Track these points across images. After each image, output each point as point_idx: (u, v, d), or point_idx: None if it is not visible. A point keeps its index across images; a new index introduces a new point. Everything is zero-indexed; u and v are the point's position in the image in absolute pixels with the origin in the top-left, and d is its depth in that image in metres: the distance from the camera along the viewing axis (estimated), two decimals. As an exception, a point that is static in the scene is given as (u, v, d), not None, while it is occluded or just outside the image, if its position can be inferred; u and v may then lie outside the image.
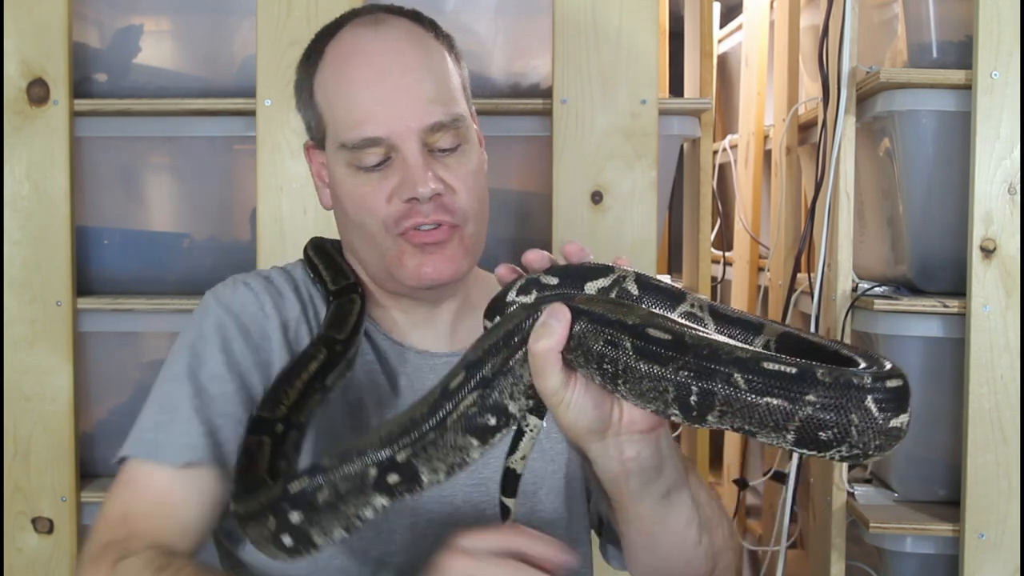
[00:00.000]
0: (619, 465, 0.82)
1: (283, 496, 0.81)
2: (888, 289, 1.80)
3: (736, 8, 2.80)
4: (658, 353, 0.71)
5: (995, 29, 1.65)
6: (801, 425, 0.67)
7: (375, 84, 1.04)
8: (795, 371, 0.68)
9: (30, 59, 1.71)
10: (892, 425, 0.68)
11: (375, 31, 1.07)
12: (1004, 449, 1.67)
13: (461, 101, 1.08)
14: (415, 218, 1.04)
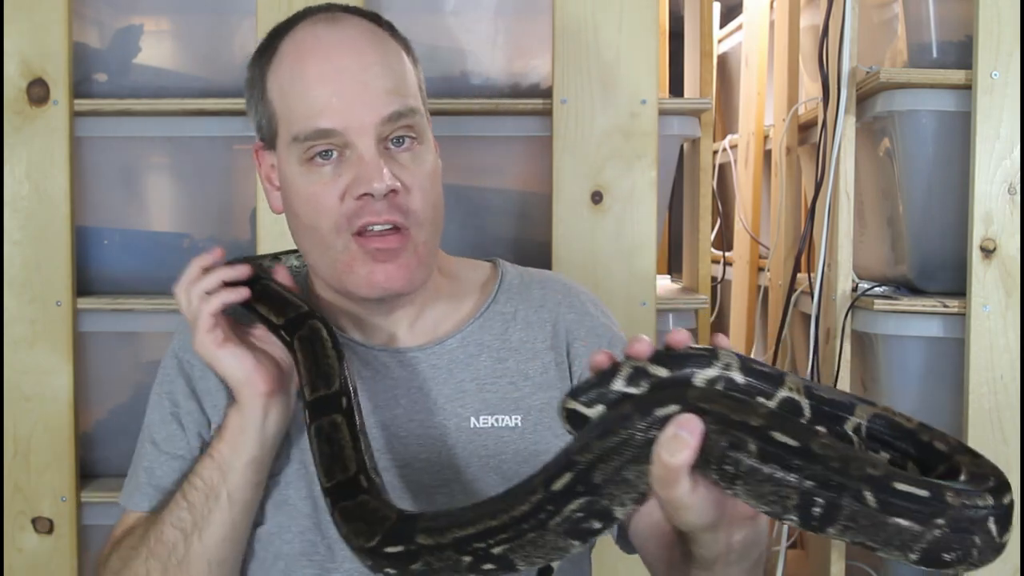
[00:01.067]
0: (725, 547, 0.79)
1: (378, 551, 0.82)
2: (888, 289, 1.80)
3: (736, 8, 2.80)
4: (784, 459, 0.68)
5: (995, 29, 1.65)
6: (928, 546, 0.67)
7: (332, 77, 1.02)
8: (927, 494, 0.67)
9: (30, 59, 1.71)
10: (1005, 541, 0.68)
11: (332, 27, 1.06)
12: (1004, 449, 1.67)
13: (418, 97, 1.07)
14: (368, 216, 1.01)
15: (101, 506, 1.77)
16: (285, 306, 1.04)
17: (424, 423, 1.07)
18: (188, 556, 0.99)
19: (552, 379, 1.11)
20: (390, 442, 1.07)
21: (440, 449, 1.07)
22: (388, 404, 1.08)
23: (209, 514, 0.99)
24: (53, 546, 1.74)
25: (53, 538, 1.74)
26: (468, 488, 1.06)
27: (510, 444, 1.08)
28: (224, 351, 1.01)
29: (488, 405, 1.09)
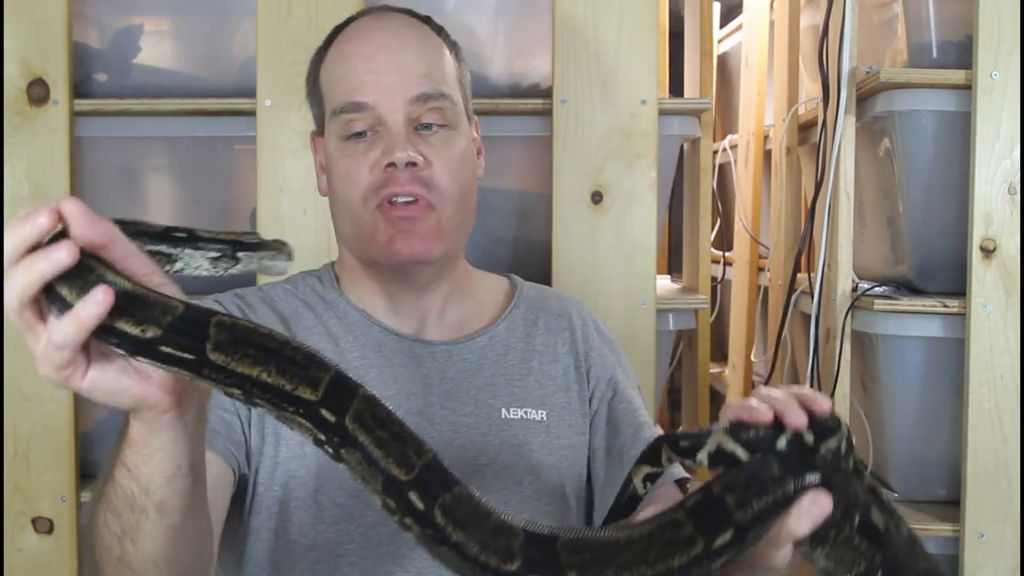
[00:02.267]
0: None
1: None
2: (888, 289, 1.80)
3: (736, 8, 2.80)
4: (873, 537, 0.78)
5: (995, 29, 1.65)
6: None
7: (369, 56, 1.10)
8: None
9: (30, 59, 1.71)
10: None
11: (378, 19, 1.15)
12: (1004, 449, 1.67)
13: (454, 87, 1.13)
14: (392, 187, 1.08)
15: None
16: (161, 310, 0.70)
17: (457, 411, 1.11)
18: (126, 559, 0.83)
19: (571, 382, 1.17)
20: (423, 429, 1.08)
21: (473, 436, 1.11)
22: (421, 393, 1.11)
23: (138, 525, 0.81)
24: (53, 546, 1.74)
25: (53, 538, 1.74)
26: (500, 474, 1.09)
27: (537, 436, 1.13)
28: (96, 374, 0.71)
29: (516, 399, 1.14)
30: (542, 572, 0.71)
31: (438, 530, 0.71)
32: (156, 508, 0.79)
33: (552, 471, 1.13)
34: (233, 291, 1.18)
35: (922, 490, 1.83)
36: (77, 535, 1.75)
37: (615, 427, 1.16)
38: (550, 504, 1.11)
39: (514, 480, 1.10)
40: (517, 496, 1.09)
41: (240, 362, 0.69)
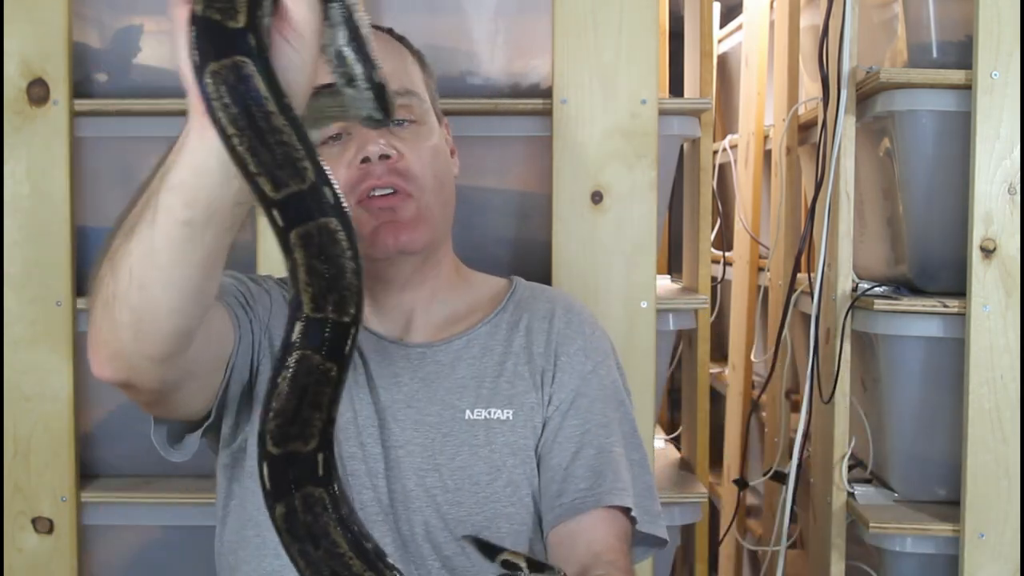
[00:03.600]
0: None
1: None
2: (888, 289, 1.80)
3: (736, 8, 2.80)
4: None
5: (995, 29, 1.65)
6: None
7: None
8: None
9: (30, 59, 1.71)
10: None
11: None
12: (1004, 449, 1.67)
13: (419, 86, 1.17)
14: (369, 180, 1.10)
15: (101, 506, 1.77)
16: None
17: (421, 410, 1.13)
18: (139, 260, 0.83)
19: (541, 383, 1.18)
20: (386, 422, 1.13)
21: (434, 436, 1.13)
22: (389, 388, 1.14)
23: (153, 228, 0.81)
24: (53, 546, 1.74)
25: (53, 538, 1.74)
26: (457, 473, 1.11)
27: (499, 435, 1.14)
28: None
29: (482, 399, 1.15)
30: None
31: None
32: (187, 220, 0.79)
33: (515, 471, 1.13)
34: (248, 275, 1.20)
35: (922, 490, 1.83)
36: (77, 535, 1.75)
37: (557, 443, 1.15)
38: (510, 506, 1.12)
39: (470, 480, 1.11)
40: (473, 497, 1.11)
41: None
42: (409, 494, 1.10)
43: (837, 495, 1.81)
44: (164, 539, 1.85)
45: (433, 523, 1.10)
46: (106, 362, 0.89)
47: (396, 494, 1.10)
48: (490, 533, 1.10)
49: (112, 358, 0.88)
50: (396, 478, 1.11)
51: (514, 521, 1.12)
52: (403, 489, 1.10)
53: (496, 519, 1.11)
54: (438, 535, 1.10)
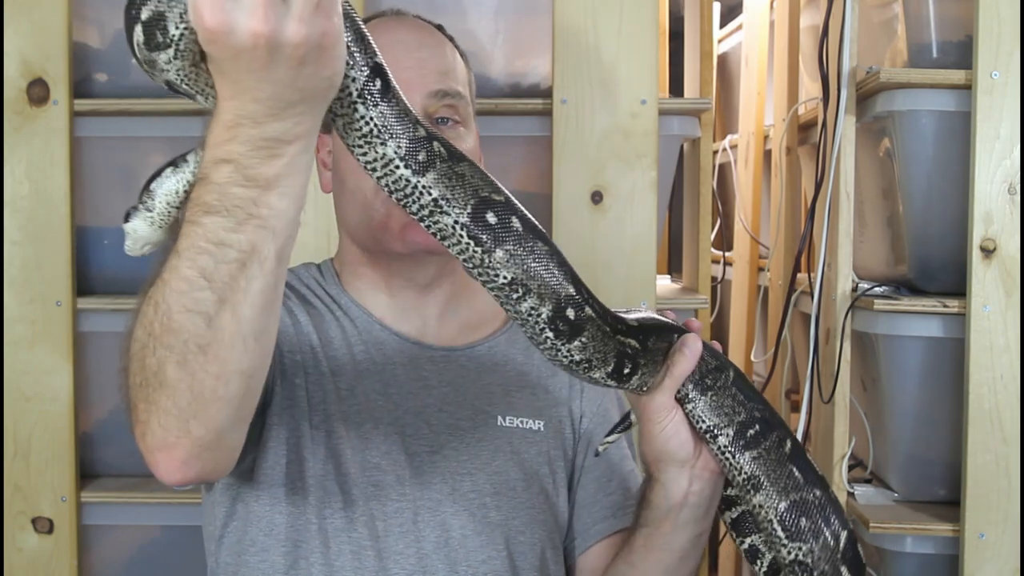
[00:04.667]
0: (682, 493, 0.97)
1: None
2: (888, 289, 1.80)
3: (736, 8, 2.80)
4: (750, 390, 0.95)
5: (995, 29, 1.65)
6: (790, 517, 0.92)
7: (389, 49, 1.09)
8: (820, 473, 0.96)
9: (30, 59, 1.71)
10: None
11: (398, 19, 1.18)
12: (1004, 449, 1.67)
13: (465, 88, 1.16)
14: None
15: (101, 506, 1.77)
16: None
17: (454, 415, 1.12)
18: (217, 339, 0.77)
19: (566, 398, 1.19)
20: (420, 428, 1.11)
21: (469, 440, 1.11)
22: (419, 394, 1.12)
23: (248, 284, 0.76)
24: (53, 546, 1.74)
25: (53, 538, 1.74)
26: (494, 478, 1.10)
27: (533, 444, 1.14)
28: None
29: (513, 408, 1.15)
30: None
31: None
32: (277, 254, 0.77)
33: (546, 481, 1.14)
34: None
35: (922, 490, 1.83)
36: (77, 535, 1.75)
37: (605, 461, 1.18)
38: (542, 513, 1.12)
39: (508, 486, 1.10)
40: (511, 501, 1.10)
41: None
42: (445, 499, 1.08)
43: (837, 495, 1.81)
44: (164, 539, 1.85)
45: (469, 527, 1.08)
46: (183, 467, 0.82)
47: (429, 500, 1.08)
48: (525, 539, 1.09)
49: (189, 460, 0.82)
50: (429, 483, 1.08)
51: (546, 527, 1.12)
52: (438, 494, 1.08)
53: (532, 524, 1.10)
54: (473, 540, 1.07)
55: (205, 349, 0.77)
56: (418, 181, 0.80)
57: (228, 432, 0.83)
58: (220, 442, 0.83)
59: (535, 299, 0.83)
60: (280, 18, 0.70)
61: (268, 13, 0.70)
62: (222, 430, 0.82)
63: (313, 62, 0.72)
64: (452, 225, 0.81)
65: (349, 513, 1.06)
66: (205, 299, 0.76)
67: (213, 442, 0.82)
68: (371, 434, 1.08)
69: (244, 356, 0.79)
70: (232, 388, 0.80)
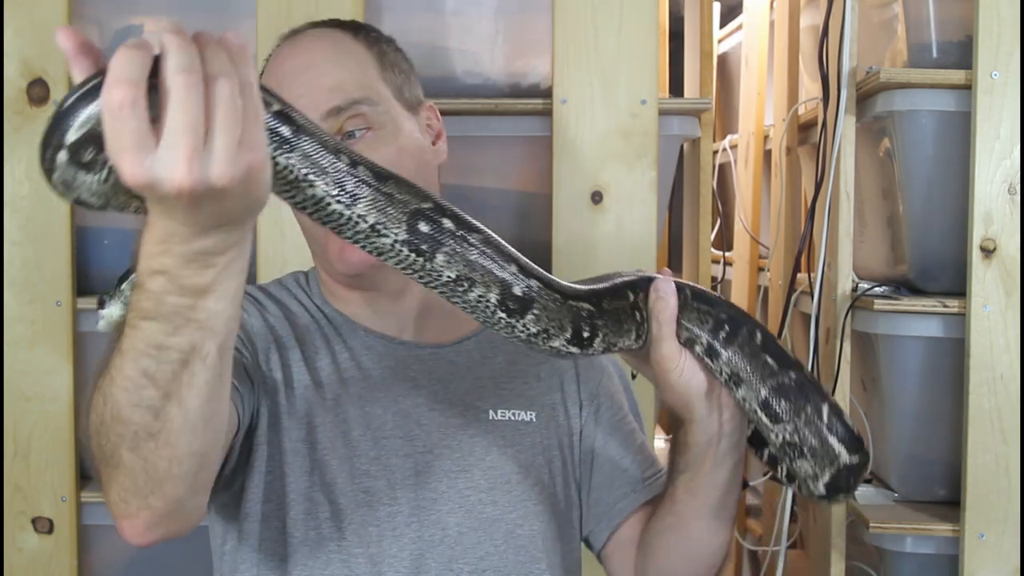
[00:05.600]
0: (717, 423, 0.97)
1: None
2: (888, 289, 1.80)
3: (736, 8, 2.80)
4: (711, 297, 0.98)
5: (995, 29, 1.65)
6: (836, 472, 0.95)
7: (283, 82, 1.10)
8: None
9: (30, 59, 1.71)
10: None
11: (291, 44, 1.15)
12: (1004, 449, 1.67)
13: (374, 88, 1.12)
14: None
15: (101, 506, 1.77)
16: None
17: (444, 412, 1.12)
18: (166, 428, 0.79)
19: (560, 382, 1.18)
20: (411, 430, 1.10)
21: (461, 437, 1.11)
22: (409, 394, 1.12)
23: (192, 379, 0.78)
24: (53, 546, 1.74)
25: (53, 538, 1.74)
26: (488, 474, 1.10)
27: (526, 436, 1.14)
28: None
29: (504, 400, 1.14)
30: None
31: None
32: (219, 349, 0.77)
33: (543, 471, 1.13)
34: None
35: (922, 490, 1.83)
36: (77, 535, 1.75)
37: (610, 435, 1.18)
38: (539, 504, 1.12)
39: (503, 480, 1.10)
40: (506, 496, 1.10)
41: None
42: (440, 497, 1.08)
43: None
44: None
45: (466, 524, 1.08)
46: (146, 532, 0.85)
47: (423, 500, 1.08)
48: (523, 532, 1.10)
49: (151, 527, 0.84)
50: (424, 483, 1.08)
51: (543, 519, 1.12)
52: (433, 493, 1.08)
53: (528, 517, 1.10)
54: (470, 536, 1.08)
55: (155, 437, 0.79)
56: (352, 213, 0.81)
57: (188, 501, 0.85)
58: (181, 510, 0.85)
59: (481, 288, 0.85)
60: (204, 167, 0.67)
61: (191, 166, 0.66)
62: (181, 501, 0.84)
63: (240, 193, 0.70)
64: (392, 244, 0.83)
65: (337, 522, 1.06)
66: (150, 396, 0.77)
67: (174, 511, 0.84)
68: (359, 441, 1.08)
69: (195, 440, 0.80)
70: (186, 467, 0.81)
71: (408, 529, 1.06)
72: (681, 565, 1.08)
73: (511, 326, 0.88)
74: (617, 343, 0.95)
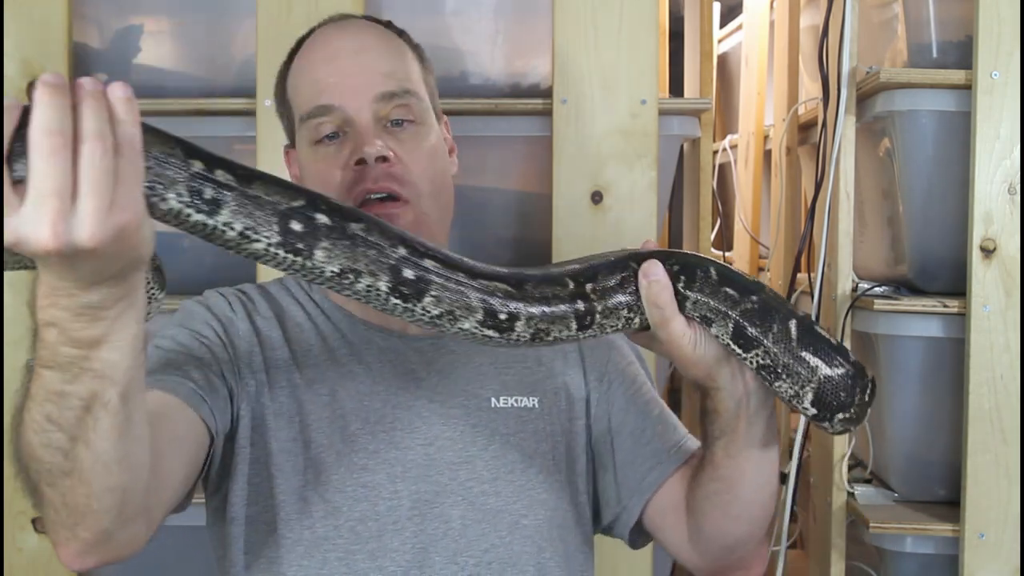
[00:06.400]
0: (742, 384, 0.95)
1: None
2: (888, 289, 1.80)
3: (736, 8, 2.80)
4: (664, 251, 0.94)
5: (995, 29, 1.65)
6: (818, 387, 0.91)
7: (332, 60, 1.13)
8: (836, 342, 0.93)
9: (30, 59, 1.71)
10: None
11: (338, 26, 1.17)
12: (1004, 449, 1.67)
13: (419, 86, 1.15)
14: (364, 183, 1.08)
15: (101, 506, 1.77)
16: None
17: (446, 403, 1.12)
18: (78, 467, 0.79)
19: (564, 366, 1.18)
20: (412, 422, 1.10)
21: (463, 428, 1.11)
22: (408, 387, 1.12)
23: (96, 423, 0.78)
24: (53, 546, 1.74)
25: (53, 538, 1.74)
26: (491, 464, 1.10)
27: (529, 423, 1.13)
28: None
29: (507, 387, 1.14)
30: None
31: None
32: (121, 396, 0.77)
33: (547, 458, 1.13)
34: (236, 286, 1.19)
35: (922, 490, 1.83)
36: (77, 535, 1.75)
37: (626, 410, 1.17)
38: (544, 492, 1.11)
39: (506, 470, 1.10)
40: (510, 486, 1.10)
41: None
42: (443, 490, 1.08)
43: (837, 495, 1.81)
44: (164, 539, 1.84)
45: (469, 516, 1.07)
46: (79, 558, 0.85)
47: (425, 493, 1.07)
48: (528, 522, 1.09)
49: (83, 554, 0.85)
50: (426, 476, 1.08)
51: (548, 507, 1.11)
52: (435, 486, 1.08)
53: (533, 506, 1.10)
54: (474, 528, 1.07)
55: (69, 475, 0.79)
56: (216, 222, 0.77)
57: (120, 531, 0.84)
58: (112, 540, 0.85)
59: (369, 277, 0.83)
60: (70, 229, 0.65)
61: (56, 228, 0.64)
62: (109, 532, 0.83)
63: (114, 253, 0.68)
64: (267, 248, 0.79)
65: (333, 520, 1.06)
66: (58, 438, 0.77)
67: (104, 541, 0.84)
68: (357, 436, 1.08)
69: (110, 477, 0.80)
70: (106, 502, 0.81)
71: (410, 523, 1.06)
72: (735, 524, 1.06)
73: (410, 311, 0.85)
74: (550, 331, 0.90)
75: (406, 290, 0.84)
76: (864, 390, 0.94)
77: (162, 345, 1.09)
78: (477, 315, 0.87)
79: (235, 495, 1.08)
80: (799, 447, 1.89)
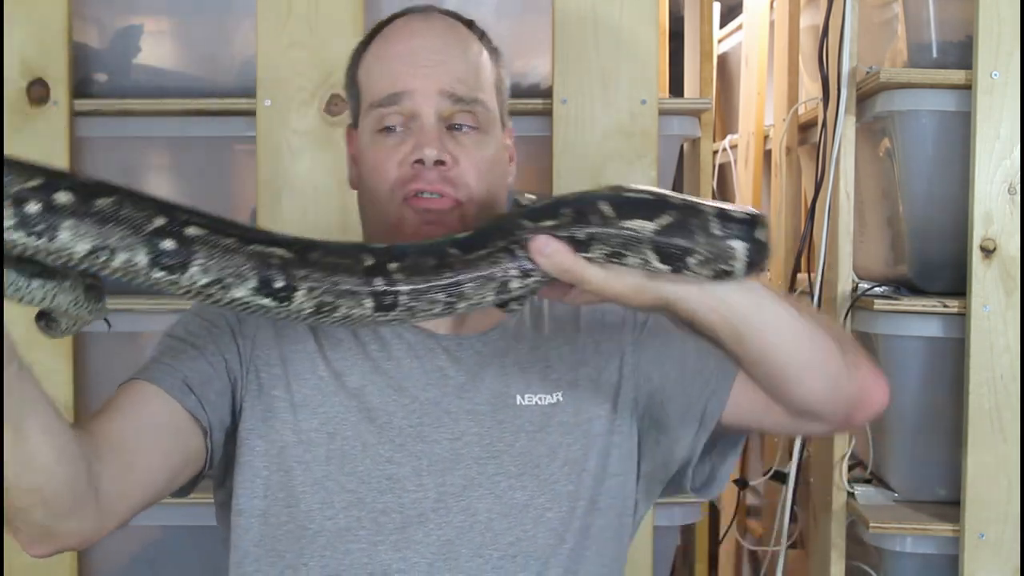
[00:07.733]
0: (698, 290, 0.90)
1: None
2: (888, 289, 1.80)
3: (736, 8, 2.80)
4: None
5: (995, 29, 1.65)
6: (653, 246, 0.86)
7: (410, 56, 1.13)
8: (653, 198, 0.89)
9: (30, 59, 1.71)
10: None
11: (424, 19, 1.17)
12: (1004, 449, 1.67)
13: (490, 94, 1.16)
14: (418, 183, 1.08)
15: (101, 506, 1.77)
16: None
17: (472, 399, 1.12)
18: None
19: (587, 356, 1.17)
20: (440, 418, 1.11)
21: (490, 423, 1.11)
22: (437, 383, 1.12)
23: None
24: (53, 546, 1.74)
25: (53, 538, 1.74)
26: (518, 459, 1.10)
27: (553, 418, 1.13)
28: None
29: (531, 385, 1.14)
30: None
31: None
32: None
33: (573, 447, 1.13)
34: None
35: (922, 490, 1.83)
36: (77, 535, 1.75)
37: (659, 363, 1.15)
38: (569, 484, 1.11)
39: (532, 464, 1.10)
40: (535, 480, 1.10)
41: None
42: (470, 484, 1.08)
43: (837, 495, 1.81)
44: (164, 539, 1.85)
45: (496, 510, 1.08)
46: (30, 547, 0.90)
47: (452, 487, 1.08)
48: (552, 515, 1.09)
49: (32, 544, 0.90)
50: (452, 470, 1.09)
51: (572, 498, 1.11)
52: (462, 479, 1.08)
53: (557, 499, 1.10)
54: (500, 522, 1.08)
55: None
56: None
57: (59, 525, 0.88)
58: (54, 533, 0.88)
59: (125, 253, 0.80)
60: None
61: None
62: (46, 526, 0.87)
63: None
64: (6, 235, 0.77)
65: (356, 512, 1.06)
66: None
67: (44, 533, 0.88)
68: (384, 429, 1.09)
69: (19, 480, 0.84)
70: (26, 501, 0.85)
71: (434, 515, 1.07)
72: (802, 388, 0.99)
73: (174, 283, 0.81)
74: (337, 305, 0.85)
75: (168, 261, 0.80)
76: (704, 228, 0.86)
77: (174, 333, 1.11)
78: (250, 283, 0.83)
79: (242, 487, 1.08)
80: (799, 447, 1.89)
